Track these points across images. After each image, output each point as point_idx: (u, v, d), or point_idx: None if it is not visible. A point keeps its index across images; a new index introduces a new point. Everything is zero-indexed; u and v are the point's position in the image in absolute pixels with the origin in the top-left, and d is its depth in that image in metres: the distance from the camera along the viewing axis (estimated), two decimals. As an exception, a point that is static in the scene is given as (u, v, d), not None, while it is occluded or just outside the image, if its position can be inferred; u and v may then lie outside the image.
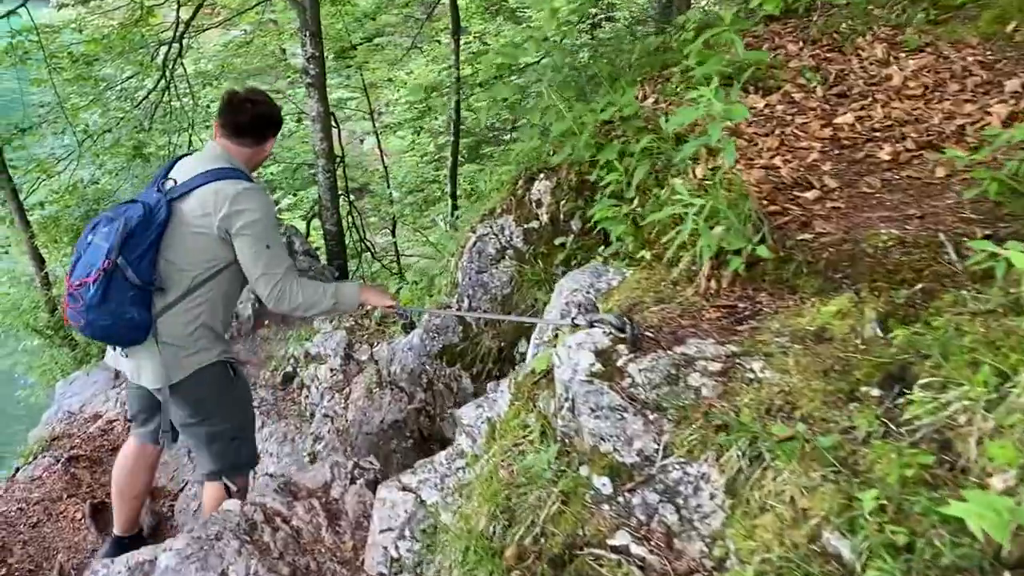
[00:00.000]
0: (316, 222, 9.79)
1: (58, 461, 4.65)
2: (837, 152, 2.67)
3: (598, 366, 1.98)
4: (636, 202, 2.72)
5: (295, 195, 10.70)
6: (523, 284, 3.35)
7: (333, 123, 9.33)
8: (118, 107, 8.76)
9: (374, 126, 13.83)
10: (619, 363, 1.97)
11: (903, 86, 2.90)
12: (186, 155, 2.97)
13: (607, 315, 2.07)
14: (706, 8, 8.23)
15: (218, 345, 2.93)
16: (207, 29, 10.97)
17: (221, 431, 3.00)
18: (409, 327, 3.65)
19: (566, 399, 1.97)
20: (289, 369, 4.89)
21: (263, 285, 2.79)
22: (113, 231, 2.63)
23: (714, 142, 2.20)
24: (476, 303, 3.50)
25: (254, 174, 3.08)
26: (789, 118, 3.03)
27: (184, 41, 9.70)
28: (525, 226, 3.54)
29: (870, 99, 2.91)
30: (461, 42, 10.40)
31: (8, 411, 8.73)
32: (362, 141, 17.81)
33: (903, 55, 3.14)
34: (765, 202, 2.50)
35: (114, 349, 2.91)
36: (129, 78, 9.49)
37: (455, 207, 11.79)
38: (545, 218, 3.45)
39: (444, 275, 4.12)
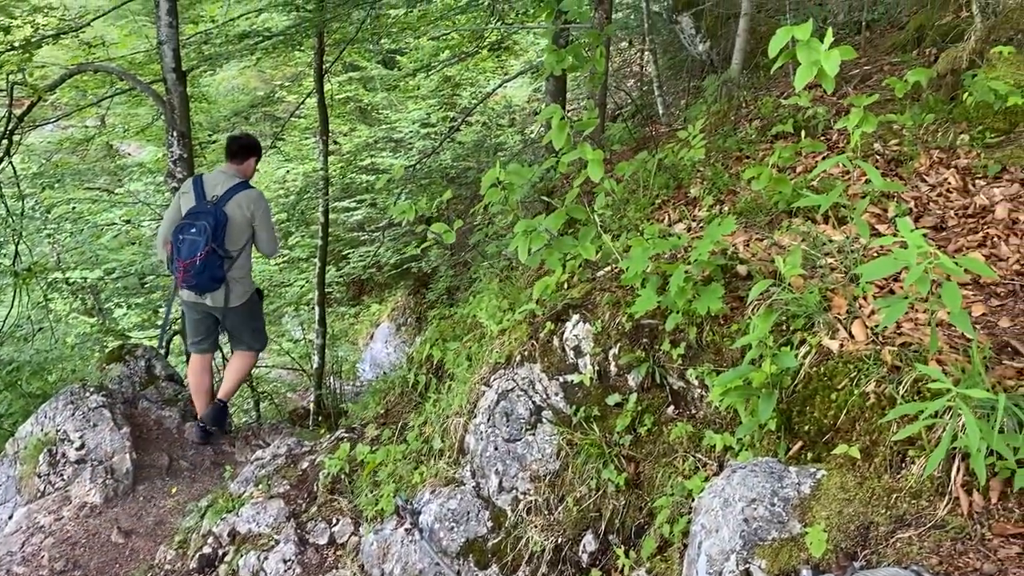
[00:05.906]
0: (177, 340, 8.51)
1: None
2: (1001, 301, 2.25)
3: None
4: (770, 366, 2.15)
5: (155, 311, 9.25)
6: (578, 458, 2.66)
7: (200, 230, 8.26)
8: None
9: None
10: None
11: (1011, 219, 2.58)
12: (202, 176, 4.80)
13: (901, 571, 1.45)
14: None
15: (253, 283, 4.98)
16: (39, 125, 9.59)
17: (256, 326, 5.12)
18: (410, 513, 2.82)
19: None
20: (208, 550, 3.81)
21: (270, 242, 4.78)
22: (202, 230, 4.45)
23: (953, 307, 1.70)
24: (510, 481, 2.76)
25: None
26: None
27: (15, 138, 8.39)
28: (561, 379, 2.88)
29: (981, 234, 2.56)
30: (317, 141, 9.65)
31: None
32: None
33: (981, 182, 2.85)
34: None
35: (199, 295, 4.71)
36: (-57, 179, 8.02)
37: (324, 315, 10.82)
38: (589, 370, 2.81)
39: (432, 436, 3.33)
